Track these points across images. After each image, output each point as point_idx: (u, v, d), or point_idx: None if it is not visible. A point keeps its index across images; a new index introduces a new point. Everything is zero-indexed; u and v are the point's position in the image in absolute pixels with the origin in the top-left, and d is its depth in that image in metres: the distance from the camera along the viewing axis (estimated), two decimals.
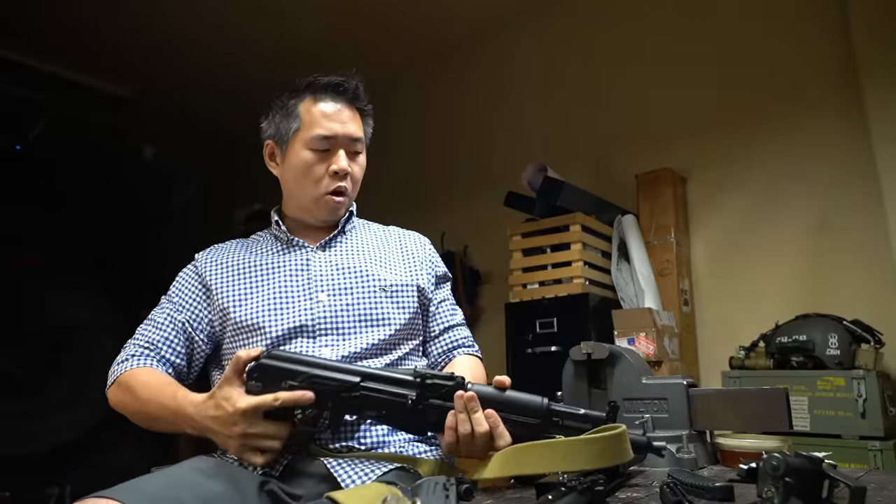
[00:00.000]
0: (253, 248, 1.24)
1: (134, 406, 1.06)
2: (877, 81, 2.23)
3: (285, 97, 1.20)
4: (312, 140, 1.15)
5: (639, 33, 2.94)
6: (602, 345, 1.22)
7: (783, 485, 0.64)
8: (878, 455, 1.83)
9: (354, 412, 0.94)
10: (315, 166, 1.16)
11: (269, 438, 0.92)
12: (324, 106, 1.17)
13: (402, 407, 0.91)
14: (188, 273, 1.22)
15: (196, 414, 0.95)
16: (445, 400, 0.91)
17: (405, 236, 1.33)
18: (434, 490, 0.66)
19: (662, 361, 2.24)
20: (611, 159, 2.97)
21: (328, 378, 0.93)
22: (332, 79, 1.18)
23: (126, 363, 1.10)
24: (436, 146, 3.69)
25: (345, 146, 1.17)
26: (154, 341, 1.13)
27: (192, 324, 1.15)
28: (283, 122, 1.19)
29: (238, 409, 0.90)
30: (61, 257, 3.97)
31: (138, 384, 1.06)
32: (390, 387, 0.92)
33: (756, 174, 2.54)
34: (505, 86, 3.45)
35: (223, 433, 0.92)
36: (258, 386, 0.93)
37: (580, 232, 2.44)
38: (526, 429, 0.90)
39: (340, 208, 1.21)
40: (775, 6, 2.55)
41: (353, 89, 1.19)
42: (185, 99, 4.03)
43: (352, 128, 1.18)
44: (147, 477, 0.87)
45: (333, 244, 1.22)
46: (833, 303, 2.19)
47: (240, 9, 3.18)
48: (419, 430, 0.95)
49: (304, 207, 1.21)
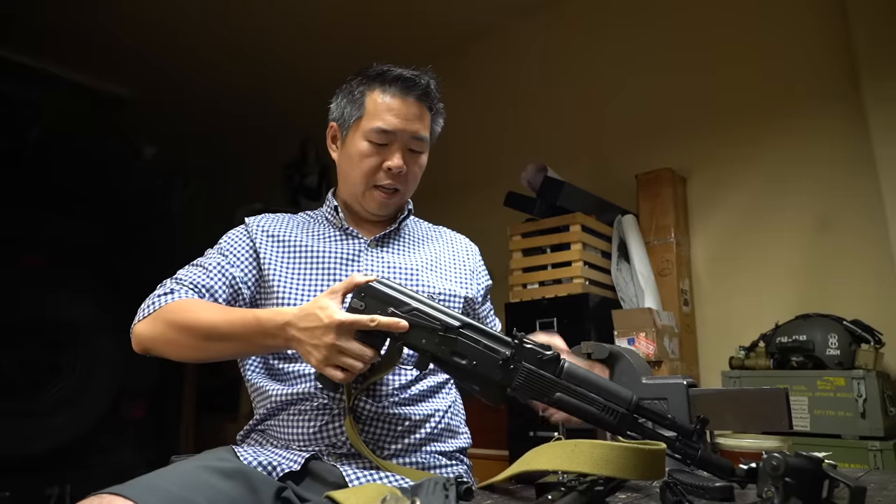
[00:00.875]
0: (307, 228, 1.21)
1: (187, 331, 0.99)
2: (877, 81, 2.23)
3: (355, 82, 1.17)
4: (371, 131, 1.12)
5: (639, 33, 2.94)
6: (602, 345, 1.21)
7: (783, 485, 0.64)
8: (878, 455, 1.83)
9: (445, 357, 0.92)
10: (369, 158, 1.13)
11: (355, 357, 0.90)
12: (390, 99, 1.13)
13: (493, 362, 0.89)
14: (240, 233, 1.17)
15: (284, 321, 0.92)
16: (538, 367, 0.89)
17: (457, 242, 1.32)
18: (434, 490, 0.66)
19: (662, 361, 2.24)
20: (611, 159, 2.97)
21: (430, 315, 0.93)
22: (404, 72, 1.15)
23: (169, 296, 1.04)
24: (435, 146, 3.69)
25: (404, 143, 1.14)
26: (199, 285, 1.07)
27: (240, 281, 1.10)
28: (348, 107, 1.16)
29: (335, 320, 0.89)
30: (61, 257, 3.97)
31: (196, 307, 1.01)
32: (488, 340, 0.91)
33: (756, 174, 2.54)
34: (505, 86, 3.45)
35: (311, 342, 0.90)
36: (361, 305, 0.93)
37: (580, 232, 2.43)
38: (605, 422, 0.87)
39: (389, 205, 1.18)
40: (776, 6, 2.55)
41: (424, 86, 1.15)
42: (185, 99, 4.03)
43: (415, 126, 1.15)
44: (160, 473, 0.85)
45: (387, 241, 1.21)
46: (833, 303, 2.19)
47: (242, 6, 3.18)
48: (501, 390, 0.92)
49: (353, 196, 1.19)
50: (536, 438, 2.15)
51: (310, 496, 0.92)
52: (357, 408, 1.03)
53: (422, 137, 1.16)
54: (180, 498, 0.77)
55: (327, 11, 3.20)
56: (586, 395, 0.87)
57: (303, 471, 0.96)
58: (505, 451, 2.34)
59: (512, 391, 0.91)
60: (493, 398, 0.92)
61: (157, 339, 1.02)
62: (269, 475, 0.92)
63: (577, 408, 0.87)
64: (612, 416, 0.86)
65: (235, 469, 0.89)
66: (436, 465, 1.06)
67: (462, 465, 1.12)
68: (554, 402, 0.87)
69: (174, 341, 1.01)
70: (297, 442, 1.04)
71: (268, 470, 0.93)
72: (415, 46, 3.55)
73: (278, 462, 0.95)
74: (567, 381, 0.88)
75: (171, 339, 1.01)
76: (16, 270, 3.74)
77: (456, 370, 0.93)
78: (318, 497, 0.91)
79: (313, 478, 0.97)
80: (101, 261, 4.16)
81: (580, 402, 0.87)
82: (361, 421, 1.03)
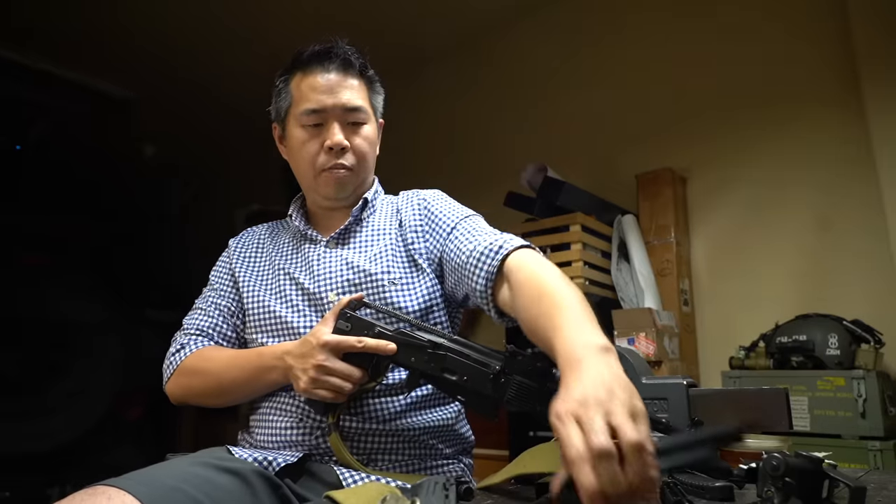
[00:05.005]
0: (276, 238, 1.21)
1: (205, 384, 1.07)
2: (877, 81, 2.23)
3: (278, 76, 1.15)
4: (302, 115, 1.08)
5: (640, 33, 2.94)
6: None
7: (783, 485, 0.64)
8: (878, 455, 1.83)
9: (435, 373, 0.91)
10: (308, 143, 1.09)
11: (343, 378, 0.91)
12: (311, 78, 1.09)
13: (484, 376, 0.88)
14: (222, 260, 1.23)
15: (284, 353, 0.97)
16: (530, 378, 0.87)
17: (405, 203, 1.18)
18: (434, 490, 0.66)
19: (662, 361, 2.24)
20: (611, 159, 2.97)
21: (417, 335, 0.93)
22: (317, 47, 1.10)
23: (182, 351, 1.10)
24: (435, 146, 3.69)
25: (339, 117, 1.08)
26: (203, 328, 1.13)
27: (232, 308, 1.15)
28: (278, 101, 1.15)
29: (321, 341, 0.91)
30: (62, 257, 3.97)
31: (207, 361, 1.07)
32: (477, 354, 0.90)
33: (756, 174, 2.54)
34: (504, 85, 3.45)
35: (299, 366, 0.93)
36: (347, 327, 0.94)
37: (580, 232, 2.43)
38: None
39: (346, 183, 1.12)
40: (776, 6, 2.55)
41: (341, 55, 1.09)
42: (185, 99, 4.03)
43: (345, 96, 1.08)
44: (156, 467, 0.85)
45: (347, 238, 1.14)
46: (833, 303, 2.19)
47: (242, 6, 3.18)
48: (495, 404, 0.90)
49: (310, 188, 1.16)
50: (537, 438, 2.14)
51: (307, 494, 0.91)
52: (344, 428, 0.99)
53: (355, 107, 1.09)
54: (175, 489, 0.77)
55: (328, 12, 3.19)
56: None
57: (299, 468, 0.95)
58: (505, 451, 2.33)
59: (505, 404, 0.89)
60: (487, 412, 0.91)
61: (187, 394, 1.10)
62: (266, 469, 0.91)
63: None
64: None
65: (231, 465, 0.88)
66: (434, 466, 1.05)
67: (461, 463, 1.11)
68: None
69: (201, 394, 1.09)
70: (283, 444, 1.01)
71: (263, 465, 0.92)
72: (415, 48, 3.55)
73: (273, 457, 0.94)
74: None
75: (198, 392, 1.09)
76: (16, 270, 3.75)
77: (447, 386, 0.92)
78: (316, 495, 0.90)
79: (310, 476, 0.95)
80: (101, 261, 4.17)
81: None
82: (350, 438, 1.00)
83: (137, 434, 3.98)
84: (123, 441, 3.85)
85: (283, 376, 0.98)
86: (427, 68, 3.70)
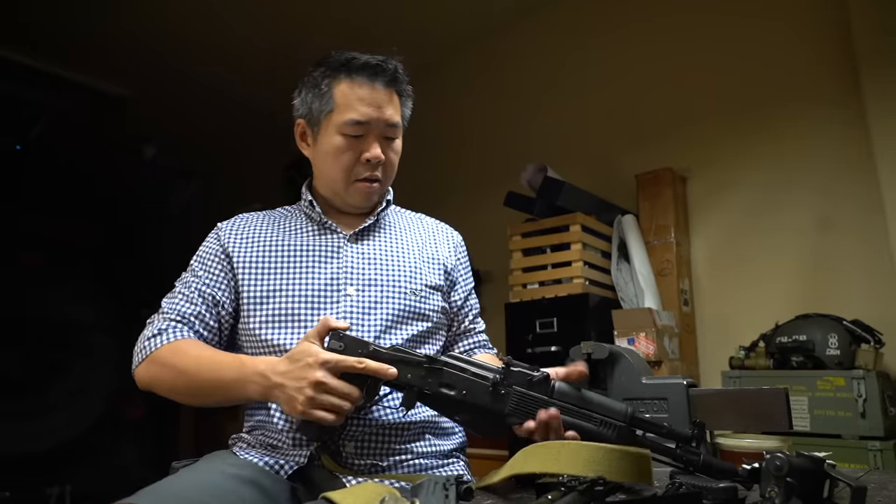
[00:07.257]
0: (283, 224, 1.16)
1: (175, 380, 1.00)
2: (877, 81, 2.23)
3: (319, 75, 1.11)
4: (345, 125, 1.07)
5: (640, 34, 2.94)
6: (602, 345, 1.21)
7: (785, 485, 0.64)
8: (878, 455, 1.83)
9: (433, 389, 0.90)
10: (347, 152, 1.09)
11: (342, 397, 0.86)
12: (360, 89, 1.08)
13: (483, 389, 0.88)
14: (212, 243, 1.14)
15: (268, 370, 0.90)
16: (529, 389, 0.88)
17: (439, 232, 1.26)
18: (434, 490, 0.66)
19: (662, 361, 2.24)
20: (611, 159, 2.97)
21: (412, 352, 0.92)
22: (371, 59, 1.09)
23: (159, 338, 1.03)
24: (435, 146, 3.69)
25: (379, 132, 1.10)
26: (185, 314, 1.06)
27: (217, 298, 1.08)
28: (316, 102, 1.11)
29: (320, 359, 0.86)
30: (62, 257, 3.97)
31: (183, 356, 1.00)
32: (474, 368, 0.90)
33: (756, 174, 2.54)
34: (505, 85, 3.45)
35: (295, 385, 0.86)
36: (340, 346, 0.90)
37: (580, 232, 2.43)
38: (604, 437, 0.86)
39: (373, 195, 1.15)
40: (776, 6, 2.55)
41: (392, 71, 1.10)
42: (185, 99, 4.03)
43: (388, 112, 1.09)
44: (174, 479, 0.83)
45: (367, 235, 1.16)
46: (833, 303, 2.18)
47: (242, 6, 3.18)
48: (496, 417, 0.90)
49: (335, 192, 1.15)
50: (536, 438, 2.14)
51: (312, 494, 0.92)
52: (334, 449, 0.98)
53: (395, 123, 1.11)
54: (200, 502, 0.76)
55: (328, 13, 3.19)
56: (582, 412, 0.87)
57: (305, 468, 0.96)
58: (505, 451, 2.33)
59: (506, 418, 0.89)
60: (491, 429, 0.91)
61: (155, 385, 1.03)
62: (277, 474, 0.92)
63: (575, 425, 0.87)
64: (611, 431, 0.86)
65: (250, 474, 0.88)
66: (433, 467, 1.05)
67: (459, 461, 1.11)
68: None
69: (170, 388, 1.02)
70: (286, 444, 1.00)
71: (275, 469, 0.92)
72: (415, 48, 3.55)
73: (286, 460, 0.94)
74: (560, 400, 0.88)
75: (167, 386, 1.02)
76: (16, 270, 3.75)
77: (446, 403, 0.91)
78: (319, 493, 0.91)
79: (314, 482, 0.95)
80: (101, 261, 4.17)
81: (576, 420, 0.87)
82: (341, 460, 0.99)
83: (137, 434, 3.98)
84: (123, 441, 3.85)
85: (261, 394, 0.92)
86: (428, 70, 3.70)
